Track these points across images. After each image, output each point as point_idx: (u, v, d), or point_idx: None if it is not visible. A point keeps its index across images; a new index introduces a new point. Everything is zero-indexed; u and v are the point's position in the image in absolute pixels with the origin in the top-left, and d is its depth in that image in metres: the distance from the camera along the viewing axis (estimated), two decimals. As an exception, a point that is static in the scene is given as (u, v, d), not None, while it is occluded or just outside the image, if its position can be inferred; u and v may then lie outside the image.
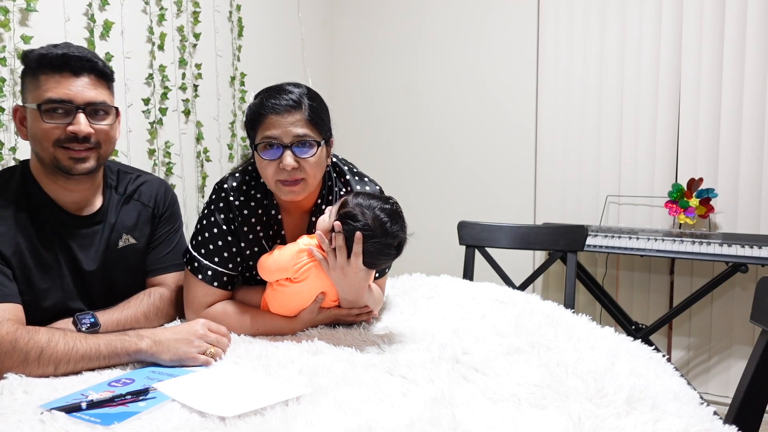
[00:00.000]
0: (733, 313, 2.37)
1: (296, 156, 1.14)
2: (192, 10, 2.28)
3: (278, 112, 1.14)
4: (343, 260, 1.12)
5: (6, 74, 1.70)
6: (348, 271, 1.12)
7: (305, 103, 1.16)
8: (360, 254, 1.11)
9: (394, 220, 1.13)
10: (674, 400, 0.81)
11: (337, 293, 1.18)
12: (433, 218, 2.90)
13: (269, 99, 1.16)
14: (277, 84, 1.21)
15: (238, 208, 1.22)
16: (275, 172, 1.15)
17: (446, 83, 2.85)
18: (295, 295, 1.16)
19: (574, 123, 2.58)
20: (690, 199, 2.26)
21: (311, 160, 1.15)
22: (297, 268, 1.13)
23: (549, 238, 1.84)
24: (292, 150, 1.14)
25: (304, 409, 0.80)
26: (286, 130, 1.14)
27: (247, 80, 2.56)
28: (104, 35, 1.96)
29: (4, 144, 1.70)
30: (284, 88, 1.18)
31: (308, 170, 1.15)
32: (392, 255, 1.15)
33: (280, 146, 1.14)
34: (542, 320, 1.20)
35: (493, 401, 0.83)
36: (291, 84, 1.20)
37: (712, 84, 2.32)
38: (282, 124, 1.14)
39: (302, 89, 1.19)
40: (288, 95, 1.16)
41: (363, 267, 1.13)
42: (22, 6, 1.72)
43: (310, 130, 1.16)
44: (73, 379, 0.94)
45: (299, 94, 1.17)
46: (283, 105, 1.14)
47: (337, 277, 1.14)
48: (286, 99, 1.15)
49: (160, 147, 2.18)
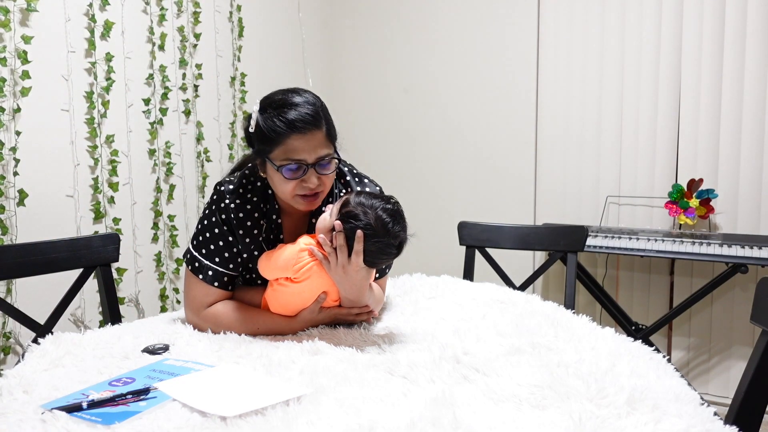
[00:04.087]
0: (733, 313, 2.37)
1: (318, 173, 1.15)
2: (192, 10, 2.28)
3: (301, 132, 1.11)
4: (344, 259, 1.12)
5: (6, 74, 1.70)
6: (349, 270, 1.12)
7: (322, 118, 1.15)
8: (361, 253, 1.11)
9: (395, 220, 1.13)
10: (675, 401, 0.81)
11: (338, 293, 1.18)
12: (433, 219, 2.90)
13: (287, 115, 1.12)
14: (291, 97, 1.15)
15: (234, 211, 1.22)
16: (295, 188, 1.15)
17: (446, 84, 2.85)
18: (296, 295, 1.16)
19: (574, 123, 2.58)
20: (690, 199, 2.27)
21: (331, 174, 1.18)
22: (298, 267, 1.13)
23: (549, 239, 1.84)
24: (315, 169, 1.14)
25: (305, 409, 0.80)
26: (311, 151, 1.13)
27: (247, 80, 2.56)
28: (105, 35, 1.96)
29: (4, 144, 1.70)
30: (300, 103, 1.14)
31: (327, 183, 1.18)
32: (393, 254, 1.15)
33: (304, 166, 1.13)
34: (543, 321, 1.20)
35: (494, 402, 0.83)
36: (299, 94, 1.16)
37: (713, 84, 2.32)
38: (307, 146, 1.12)
39: (314, 100, 1.17)
40: (305, 110, 1.12)
41: (364, 266, 1.13)
42: (23, 6, 1.72)
43: (329, 147, 1.16)
44: (74, 378, 0.94)
45: (315, 109, 1.14)
46: (306, 124, 1.12)
47: (338, 276, 1.14)
48: (307, 117, 1.12)
49: (161, 147, 2.18)
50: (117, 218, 2.02)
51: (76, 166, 1.90)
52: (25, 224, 1.75)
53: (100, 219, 1.97)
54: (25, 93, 1.73)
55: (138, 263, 2.11)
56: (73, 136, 1.88)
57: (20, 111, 1.73)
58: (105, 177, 1.98)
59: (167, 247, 2.22)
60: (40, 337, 1.20)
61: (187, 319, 1.23)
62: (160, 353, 1.06)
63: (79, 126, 1.90)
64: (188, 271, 1.23)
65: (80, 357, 1.03)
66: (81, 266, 1.50)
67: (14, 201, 1.72)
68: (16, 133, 1.73)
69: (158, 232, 2.18)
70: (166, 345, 1.09)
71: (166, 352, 1.06)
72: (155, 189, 2.16)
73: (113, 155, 2.00)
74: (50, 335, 1.11)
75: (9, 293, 1.71)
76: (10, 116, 1.71)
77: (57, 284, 1.66)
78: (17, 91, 1.72)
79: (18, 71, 1.72)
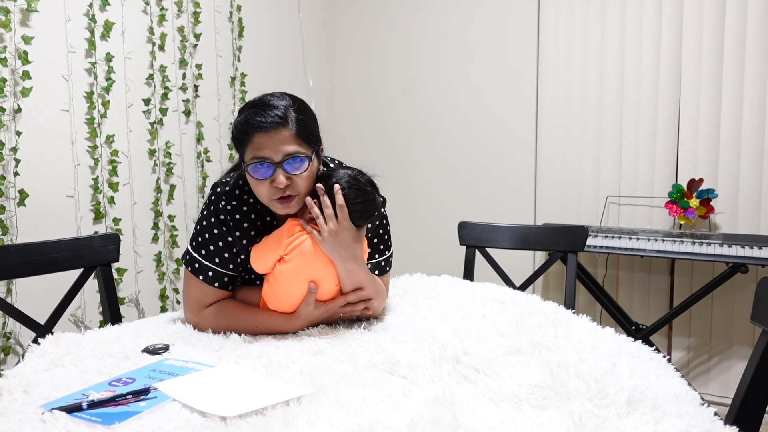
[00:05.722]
0: (733, 313, 2.37)
1: (288, 173, 1.14)
2: (192, 10, 2.28)
3: (265, 130, 1.11)
4: (332, 222, 1.15)
5: (7, 74, 1.70)
6: (340, 233, 1.15)
7: (291, 117, 1.14)
8: (344, 206, 1.16)
9: (360, 173, 1.23)
10: (675, 401, 0.81)
11: (334, 285, 1.18)
12: (433, 218, 2.90)
13: (254, 116, 1.13)
14: (261, 98, 1.17)
15: (230, 213, 1.22)
16: (268, 190, 1.14)
17: (446, 83, 2.85)
18: (289, 282, 1.16)
19: (575, 123, 2.58)
20: (690, 199, 2.27)
21: (303, 175, 1.15)
22: (288, 242, 1.16)
23: (549, 239, 1.84)
24: (283, 168, 1.13)
25: (305, 409, 0.80)
26: (276, 148, 1.12)
27: (247, 80, 2.56)
28: (105, 35, 1.96)
29: (4, 144, 1.70)
30: (269, 103, 1.14)
31: (300, 185, 1.16)
32: (372, 203, 1.20)
33: (270, 165, 1.13)
34: (543, 321, 1.20)
35: (494, 402, 0.83)
36: (275, 96, 1.17)
37: (713, 84, 2.32)
38: (270, 143, 1.12)
39: (287, 101, 1.16)
40: (273, 111, 1.13)
41: (352, 225, 1.17)
42: (23, 6, 1.72)
43: (299, 145, 1.14)
44: (74, 378, 0.94)
45: (284, 108, 1.14)
46: (269, 122, 1.11)
47: (331, 244, 1.15)
48: (271, 115, 1.12)
49: (161, 147, 2.18)
50: (117, 218, 2.02)
51: (77, 167, 1.90)
52: (25, 224, 1.75)
53: (101, 219, 1.97)
54: (25, 93, 1.73)
55: (138, 263, 2.11)
56: (73, 136, 1.88)
57: (21, 111, 1.73)
58: (105, 177, 1.98)
59: (167, 247, 2.22)
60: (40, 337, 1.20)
61: (187, 320, 1.23)
62: (160, 353, 1.06)
63: (80, 126, 1.90)
64: (188, 272, 1.23)
65: (80, 357, 1.03)
66: (81, 266, 1.50)
67: (15, 201, 1.72)
68: (17, 133, 1.73)
69: (158, 232, 2.18)
70: (166, 345, 1.09)
71: (166, 352, 1.06)
72: (155, 189, 2.16)
73: (113, 155, 2.00)
74: (50, 335, 1.11)
75: (9, 293, 1.71)
76: (10, 116, 1.71)
77: (57, 284, 1.65)
78: (18, 92, 1.72)
79: (18, 71, 1.72)
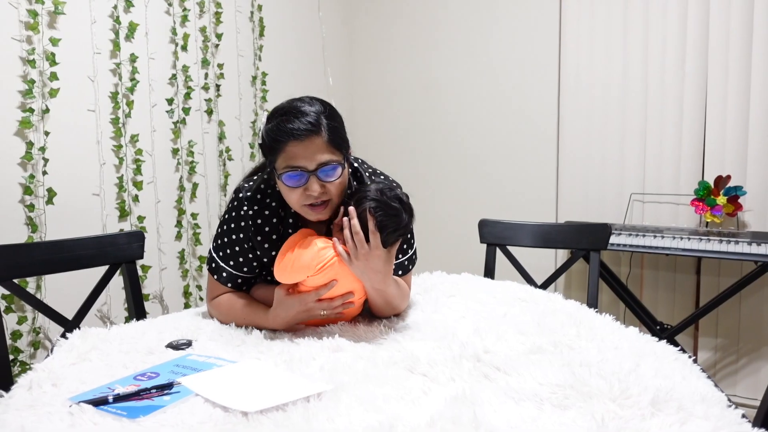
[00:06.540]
0: (762, 313, 2.32)
1: (322, 181, 1.14)
2: (214, 10, 2.31)
3: (298, 138, 1.11)
4: (363, 248, 1.12)
5: (35, 76, 1.74)
6: (370, 257, 1.13)
7: (323, 124, 1.13)
8: (376, 232, 1.12)
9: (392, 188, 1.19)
10: (701, 402, 0.80)
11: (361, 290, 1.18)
12: (454, 216, 2.89)
13: (286, 123, 1.12)
14: (291, 103, 1.17)
15: (252, 218, 1.23)
16: (300, 197, 1.15)
17: (466, 81, 2.84)
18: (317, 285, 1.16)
19: (597, 118, 2.54)
20: (717, 196, 2.21)
21: (336, 182, 1.15)
22: (320, 267, 1.13)
23: (571, 237, 1.82)
24: (317, 176, 1.13)
25: (326, 405, 0.81)
26: (310, 157, 1.12)
27: (268, 80, 2.58)
28: (129, 37, 2.00)
29: (33, 144, 1.74)
30: (300, 110, 1.14)
31: (333, 191, 1.16)
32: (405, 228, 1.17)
33: (304, 173, 1.13)
34: (565, 320, 1.18)
35: (515, 401, 0.82)
36: (305, 102, 1.16)
37: (740, 78, 2.26)
38: (305, 152, 1.11)
39: (317, 107, 1.16)
40: (305, 117, 1.12)
41: (382, 248, 1.13)
42: (50, 9, 1.76)
43: (332, 153, 1.14)
44: (100, 372, 0.96)
45: (316, 115, 1.13)
46: (302, 130, 1.11)
47: (361, 267, 1.14)
48: (304, 123, 1.11)
49: (184, 146, 2.21)
50: (141, 216, 2.06)
51: (102, 165, 1.94)
52: (53, 222, 1.79)
53: (125, 217, 2.01)
54: (53, 94, 1.77)
55: (162, 260, 2.15)
56: (98, 135, 1.92)
57: (48, 112, 1.77)
58: (130, 176, 2.02)
59: (190, 245, 2.25)
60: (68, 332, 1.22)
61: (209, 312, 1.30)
62: (183, 348, 1.07)
63: (105, 126, 1.94)
64: (208, 269, 1.29)
65: (106, 352, 1.05)
66: (107, 263, 1.53)
67: (43, 199, 1.77)
68: (45, 133, 1.77)
69: (181, 230, 2.21)
70: (189, 341, 1.10)
71: (189, 348, 1.08)
72: (178, 187, 2.20)
73: (137, 154, 2.03)
74: (78, 330, 1.14)
75: (39, 289, 1.76)
76: (39, 117, 1.75)
77: (84, 281, 1.69)
78: (46, 93, 1.76)
79: (46, 73, 1.76)
